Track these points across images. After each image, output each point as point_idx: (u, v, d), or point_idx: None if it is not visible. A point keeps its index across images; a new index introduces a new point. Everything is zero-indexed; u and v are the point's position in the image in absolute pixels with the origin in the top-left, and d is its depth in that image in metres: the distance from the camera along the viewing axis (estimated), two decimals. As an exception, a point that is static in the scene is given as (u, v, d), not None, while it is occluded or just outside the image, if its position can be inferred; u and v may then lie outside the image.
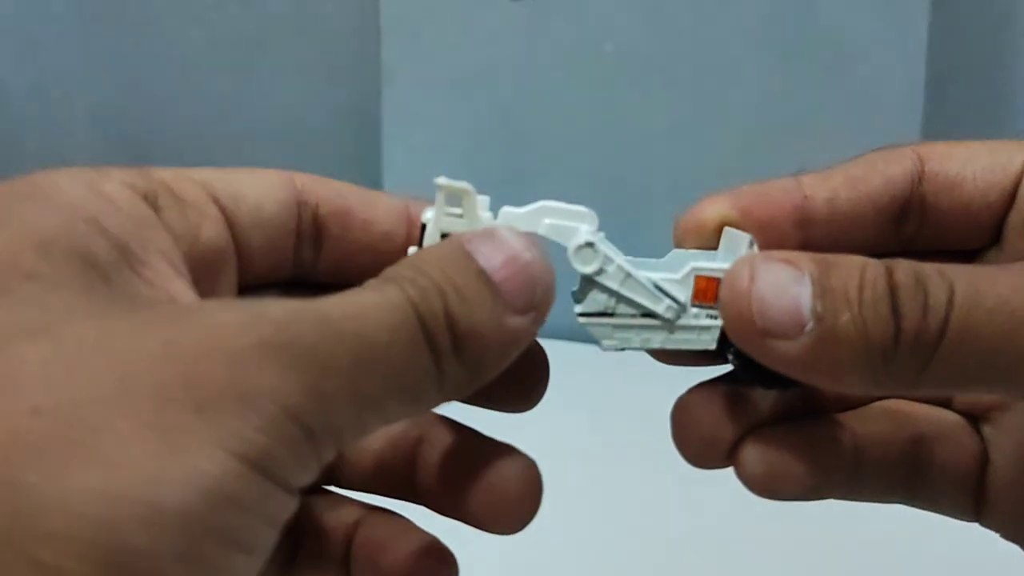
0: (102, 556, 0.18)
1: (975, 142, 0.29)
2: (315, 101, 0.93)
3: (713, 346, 0.27)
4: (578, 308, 0.27)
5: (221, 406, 0.19)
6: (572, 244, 0.27)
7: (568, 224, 0.28)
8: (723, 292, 0.26)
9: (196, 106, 0.95)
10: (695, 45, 0.76)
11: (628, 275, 0.27)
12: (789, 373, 0.25)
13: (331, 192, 0.29)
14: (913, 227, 0.29)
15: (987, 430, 0.30)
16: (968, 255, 0.30)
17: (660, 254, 0.28)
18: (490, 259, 0.24)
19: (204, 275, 0.26)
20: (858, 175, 0.29)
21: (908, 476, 0.30)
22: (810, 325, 0.24)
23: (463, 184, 0.26)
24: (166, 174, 0.26)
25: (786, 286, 0.25)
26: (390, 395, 0.22)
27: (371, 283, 0.23)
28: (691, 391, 0.28)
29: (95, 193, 0.24)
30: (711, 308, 0.27)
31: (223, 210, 0.27)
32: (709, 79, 0.77)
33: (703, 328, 0.27)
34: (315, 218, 0.28)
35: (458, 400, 0.25)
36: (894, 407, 0.30)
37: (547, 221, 0.28)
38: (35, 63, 0.96)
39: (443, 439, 0.28)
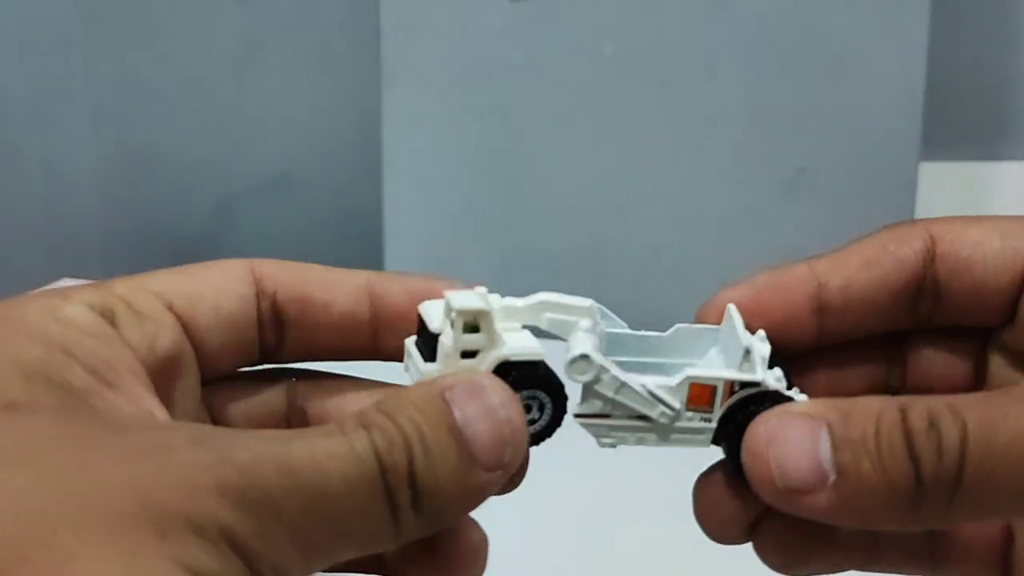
0: None
1: (987, 220, 0.30)
2: (315, 101, 0.94)
3: (707, 446, 0.28)
4: (576, 409, 0.27)
5: (181, 535, 0.20)
6: (567, 357, 0.27)
7: (568, 319, 0.28)
8: (744, 455, 0.26)
9: (196, 106, 0.95)
10: (695, 45, 0.76)
11: (622, 384, 0.27)
12: (822, 521, 0.26)
13: (290, 277, 0.29)
14: (928, 306, 0.30)
15: None
16: (983, 332, 0.30)
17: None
18: (466, 412, 0.24)
19: (163, 380, 0.27)
20: (871, 259, 0.29)
21: (932, 550, 0.30)
22: (832, 477, 0.25)
23: (480, 306, 0.26)
24: (122, 288, 0.27)
25: (804, 442, 0.25)
26: (340, 542, 0.23)
27: (346, 424, 0.23)
28: (712, 469, 0.29)
29: (60, 321, 0.25)
30: (705, 411, 0.27)
31: (180, 317, 0.28)
32: (708, 80, 0.77)
33: (697, 431, 0.28)
34: (273, 305, 0.29)
35: None
36: None
37: (548, 315, 0.28)
38: (35, 63, 0.96)
39: None
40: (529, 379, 0.26)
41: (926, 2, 0.73)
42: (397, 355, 0.29)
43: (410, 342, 0.28)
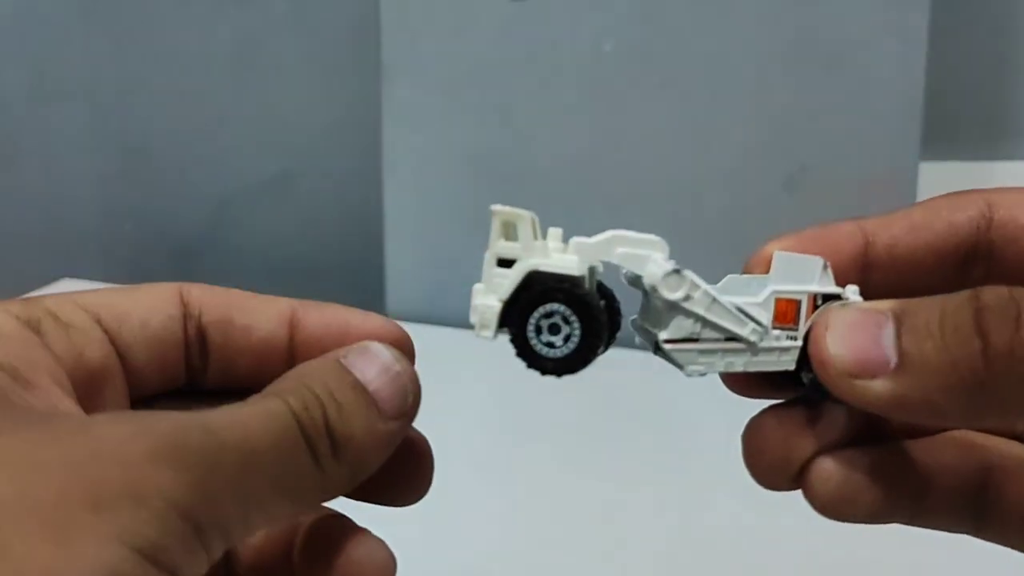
0: None
1: None
2: (315, 101, 0.94)
3: (793, 367, 0.28)
4: (663, 335, 0.27)
5: (115, 505, 0.20)
6: (660, 271, 0.27)
7: (640, 252, 0.28)
8: (810, 345, 0.26)
9: (195, 106, 0.95)
10: (695, 45, 0.76)
11: (714, 300, 0.27)
12: (885, 414, 0.25)
13: (215, 301, 0.30)
14: (980, 272, 0.29)
15: None
16: None
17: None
18: (364, 372, 0.26)
19: (90, 391, 0.27)
20: (920, 221, 0.29)
21: (976, 508, 0.29)
22: (894, 362, 0.24)
23: (518, 211, 0.27)
24: (51, 302, 0.28)
25: (867, 328, 0.25)
26: (274, 494, 0.24)
27: (255, 398, 0.25)
28: (763, 413, 0.29)
29: None
30: (791, 329, 0.27)
31: (107, 331, 0.28)
32: (709, 79, 0.77)
33: (783, 349, 0.28)
34: (198, 327, 0.30)
35: (344, 496, 0.27)
36: (963, 437, 0.29)
37: (620, 250, 0.28)
38: (35, 63, 0.96)
39: (311, 526, 0.30)
40: (554, 293, 0.27)
41: (926, 2, 0.73)
42: None
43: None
